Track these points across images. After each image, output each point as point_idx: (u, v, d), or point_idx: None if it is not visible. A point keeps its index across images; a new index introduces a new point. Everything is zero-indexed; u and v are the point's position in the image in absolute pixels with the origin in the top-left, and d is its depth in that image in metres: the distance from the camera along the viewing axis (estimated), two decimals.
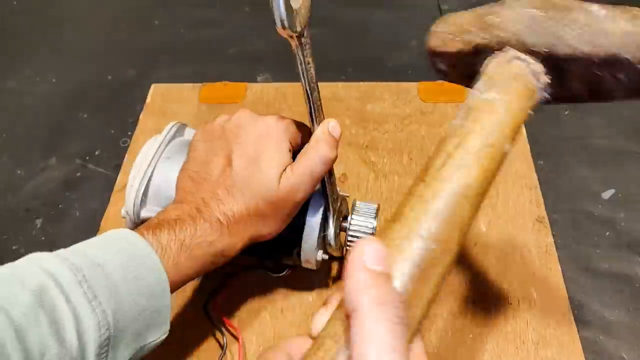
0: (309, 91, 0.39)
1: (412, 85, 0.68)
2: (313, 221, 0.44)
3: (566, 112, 0.65)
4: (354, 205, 0.47)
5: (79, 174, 0.63)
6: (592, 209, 0.56)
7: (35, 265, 0.32)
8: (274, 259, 0.48)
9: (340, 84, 0.69)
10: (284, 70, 0.71)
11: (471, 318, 0.48)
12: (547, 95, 0.32)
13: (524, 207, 0.55)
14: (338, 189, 0.46)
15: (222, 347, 0.46)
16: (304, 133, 0.43)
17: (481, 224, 0.54)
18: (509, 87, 0.30)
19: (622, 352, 0.46)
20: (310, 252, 0.44)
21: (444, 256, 0.25)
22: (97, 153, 0.64)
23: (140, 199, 0.45)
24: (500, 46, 0.32)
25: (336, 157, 0.41)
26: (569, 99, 0.33)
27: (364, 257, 0.23)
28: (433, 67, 0.38)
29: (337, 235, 0.45)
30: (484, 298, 0.49)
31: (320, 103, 0.41)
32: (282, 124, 0.41)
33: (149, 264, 0.35)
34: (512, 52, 0.32)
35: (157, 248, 0.36)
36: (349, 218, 0.46)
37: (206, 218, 0.38)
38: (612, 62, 0.29)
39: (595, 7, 0.30)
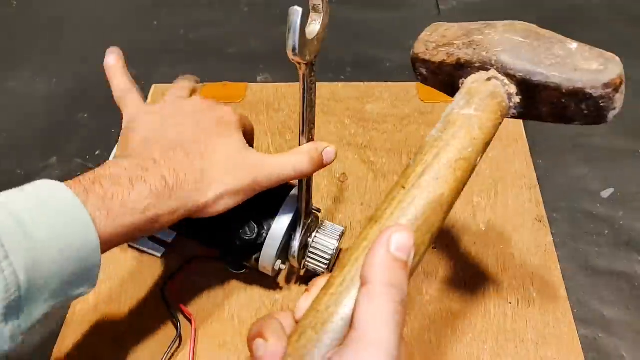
0: (304, 113, 0.41)
1: (412, 86, 0.68)
2: (277, 231, 0.45)
3: None
4: (321, 223, 0.48)
5: (78, 174, 0.62)
6: (592, 207, 0.56)
7: None
8: (234, 257, 0.48)
9: (339, 84, 0.69)
10: (284, 70, 0.71)
11: (470, 317, 0.48)
12: (514, 112, 0.35)
13: (524, 207, 0.55)
14: (313, 205, 0.47)
15: (176, 329, 0.47)
16: (248, 126, 0.45)
17: (480, 224, 0.54)
18: (485, 104, 0.33)
19: (621, 351, 0.46)
20: (269, 260, 0.45)
21: (415, 258, 0.28)
22: (97, 153, 0.64)
23: None
24: (481, 65, 0.35)
25: (310, 173, 0.42)
26: (533, 117, 0.36)
27: (391, 241, 0.26)
28: (414, 70, 0.41)
29: (301, 248, 0.46)
30: (483, 297, 0.49)
31: (314, 126, 0.43)
32: (236, 114, 0.43)
33: (79, 220, 0.33)
34: (492, 72, 0.35)
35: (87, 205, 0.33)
36: (313, 234, 0.47)
37: (147, 179, 0.36)
38: (578, 94, 0.32)
39: (574, 45, 0.34)
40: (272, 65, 0.73)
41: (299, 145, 0.43)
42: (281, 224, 0.45)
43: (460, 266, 0.51)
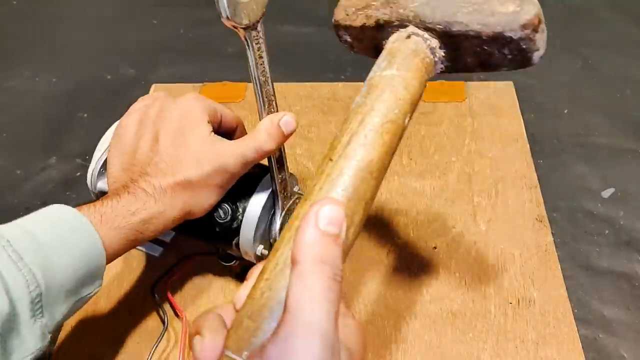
0: (259, 85, 0.40)
1: None
2: (252, 212, 0.44)
3: (566, 111, 0.65)
4: None
5: (78, 174, 0.63)
6: (592, 207, 0.56)
7: None
8: (217, 246, 0.48)
9: (340, 84, 0.69)
10: (283, 70, 0.71)
11: (471, 317, 0.48)
12: (442, 67, 0.34)
13: (524, 207, 0.55)
14: (297, 187, 0.46)
15: (163, 324, 0.47)
16: (227, 116, 0.45)
17: (481, 223, 0.54)
18: (408, 62, 0.32)
19: (622, 351, 0.46)
20: (248, 244, 0.44)
21: (350, 229, 0.27)
22: None
23: (98, 170, 0.46)
24: (400, 22, 0.34)
25: (273, 150, 0.42)
26: (461, 69, 0.35)
27: (320, 215, 0.24)
28: (339, 39, 0.40)
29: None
30: (483, 297, 0.49)
31: (274, 98, 0.42)
32: (199, 100, 0.44)
33: (80, 225, 0.36)
34: (411, 29, 0.33)
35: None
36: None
37: (131, 191, 0.40)
38: (499, 39, 0.31)
39: None
40: (271, 66, 0.73)
41: (260, 120, 0.42)
42: (256, 204, 0.44)
43: (460, 266, 0.51)
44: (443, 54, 0.34)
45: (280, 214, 0.45)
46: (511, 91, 0.66)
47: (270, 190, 0.44)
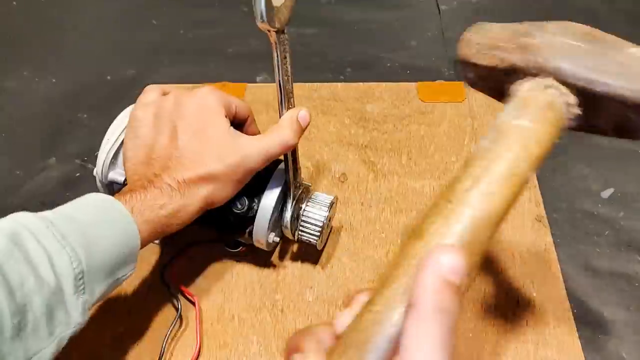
0: (281, 83, 0.42)
1: (412, 85, 0.68)
2: (267, 203, 0.46)
3: None
4: (312, 194, 0.49)
5: (78, 174, 0.63)
6: (592, 208, 0.56)
7: (10, 219, 0.36)
8: (229, 234, 0.50)
9: (339, 84, 0.69)
10: None
11: (470, 317, 0.48)
12: (572, 125, 0.32)
13: (523, 207, 0.55)
14: (302, 177, 0.48)
15: (177, 310, 0.48)
16: (241, 108, 0.47)
17: None
18: (542, 115, 0.30)
19: (622, 352, 0.46)
20: (262, 233, 0.46)
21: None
22: (96, 154, 0.64)
23: (109, 160, 0.48)
24: (536, 71, 0.32)
25: (295, 144, 0.44)
26: (592, 130, 0.33)
27: (442, 261, 0.24)
28: (461, 74, 0.38)
29: (293, 220, 0.47)
30: (483, 297, 0.49)
31: (292, 96, 0.44)
32: (215, 94, 0.45)
33: (116, 210, 0.38)
34: (548, 80, 0.31)
35: None
36: (303, 206, 0.48)
37: (156, 185, 0.41)
38: None
39: (633, 50, 0.31)
40: (272, 66, 0.73)
41: (280, 116, 0.44)
42: (271, 195, 0.46)
43: None
44: (577, 112, 0.32)
45: (292, 203, 0.47)
46: None
47: (283, 181, 0.47)
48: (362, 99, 0.67)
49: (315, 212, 0.48)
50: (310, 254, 0.53)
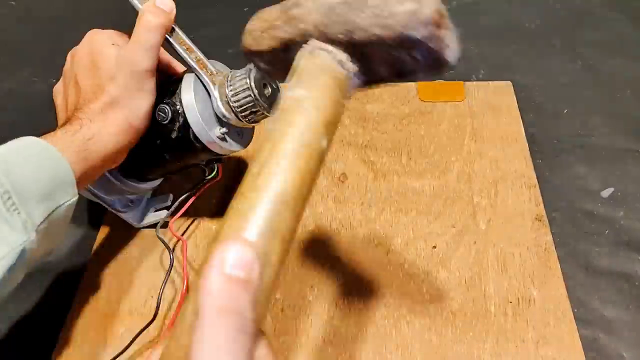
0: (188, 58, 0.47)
1: (411, 85, 0.68)
2: (188, 98, 0.46)
3: (565, 111, 0.65)
4: (230, 74, 0.47)
5: None
6: (592, 207, 0.56)
7: None
8: (186, 155, 0.49)
9: None
10: None
11: (471, 316, 0.48)
12: (357, 81, 0.31)
13: (523, 206, 0.55)
14: (217, 66, 0.48)
15: (170, 252, 0.51)
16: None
17: (480, 223, 0.54)
18: (317, 81, 0.30)
19: (622, 351, 0.46)
20: (204, 132, 0.46)
21: (266, 269, 0.24)
22: None
23: None
24: (304, 39, 0.31)
25: (163, 24, 0.46)
26: (379, 81, 0.32)
27: (225, 258, 0.22)
28: (256, 67, 0.38)
29: (225, 104, 0.46)
30: (483, 297, 0.49)
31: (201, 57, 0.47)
32: (100, 32, 0.48)
33: (33, 141, 0.40)
34: (315, 43, 0.31)
35: None
36: (227, 86, 0.46)
37: (72, 122, 0.43)
38: (404, 42, 0.28)
39: None
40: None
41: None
42: (187, 89, 0.46)
43: (460, 266, 0.51)
44: (355, 67, 0.31)
45: (215, 88, 0.46)
46: (510, 91, 0.66)
47: (192, 74, 0.47)
48: (361, 99, 0.67)
49: (239, 84, 0.45)
50: (310, 253, 0.53)
